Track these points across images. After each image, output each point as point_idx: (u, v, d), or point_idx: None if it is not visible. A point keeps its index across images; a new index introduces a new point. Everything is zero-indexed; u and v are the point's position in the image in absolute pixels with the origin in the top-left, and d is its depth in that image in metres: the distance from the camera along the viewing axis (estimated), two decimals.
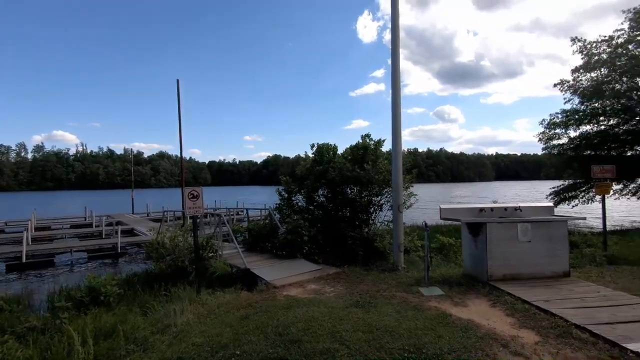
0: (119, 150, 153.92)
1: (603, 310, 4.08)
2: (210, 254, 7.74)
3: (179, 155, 17.46)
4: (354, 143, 8.93)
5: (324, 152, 8.97)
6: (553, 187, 20.28)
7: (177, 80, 16.27)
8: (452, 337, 3.51)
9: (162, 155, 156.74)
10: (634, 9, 17.13)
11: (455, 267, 6.90)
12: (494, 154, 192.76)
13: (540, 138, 19.72)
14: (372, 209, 8.52)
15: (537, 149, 19.47)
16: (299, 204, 9.55)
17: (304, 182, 9.06)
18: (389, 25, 7.07)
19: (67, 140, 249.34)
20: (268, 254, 8.42)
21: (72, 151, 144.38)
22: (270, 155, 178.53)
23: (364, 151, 8.34)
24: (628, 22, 17.33)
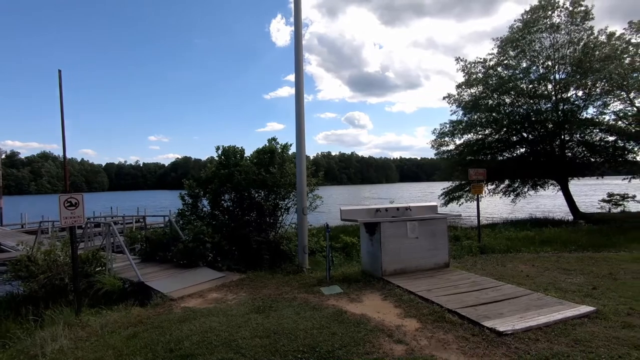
0: None
1: (471, 295, 4.72)
2: (98, 268, 6.88)
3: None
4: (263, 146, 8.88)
5: (230, 155, 8.72)
6: (444, 188, 22.96)
7: (59, 71, 14.11)
8: (344, 333, 3.69)
9: (45, 156, 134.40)
10: (501, 37, 20.42)
11: (356, 265, 7.30)
12: (399, 158, 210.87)
13: (432, 145, 22.22)
14: (279, 212, 8.56)
15: (433, 154, 22.08)
16: (204, 209, 9.11)
17: (209, 186, 8.67)
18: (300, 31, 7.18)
19: None
20: (168, 264, 7.84)
21: None
22: (180, 157, 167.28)
23: (271, 155, 8.33)
24: (497, 48, 20.59)
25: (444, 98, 21.92)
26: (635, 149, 19.10)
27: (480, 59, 20.86)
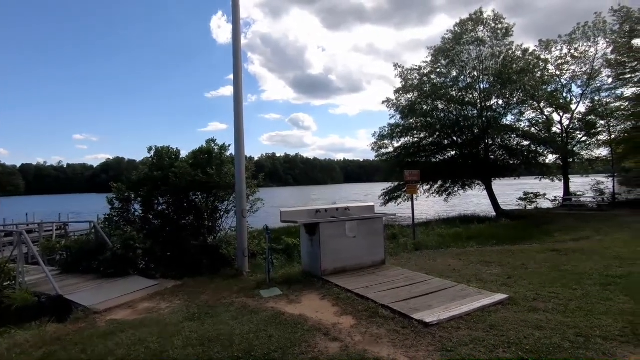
0: None
1: (404, 289, 4.98)
2: (6, 283, 6.11)
3: None
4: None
5: (164, 156, 8.26)
6: (384, 189, 23.99)
7: None
8: (281, 335, 3.69)
9: None
10: (435, 47, 21.90)
11: (297, 266, 7.32)
12: (343, 160, 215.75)
13: (373, 147, 23.16)
14: (218, 215, 8.30)
15: (374, 156, 23.10)
16: (136, 213, 8.51)
17: (141, 189, 8.13)
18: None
19: None
20: (93, 274, 7.19)
21: None
22: (111, 158, 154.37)
23: (209, 156, 8.05)
24: (431, 57, 22.06)
25: (383, 102, 22.99)
26: (545, 153, 21.64)
27: (416, 66, 22.23)
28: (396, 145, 22.54)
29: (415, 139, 22.16)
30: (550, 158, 22.67)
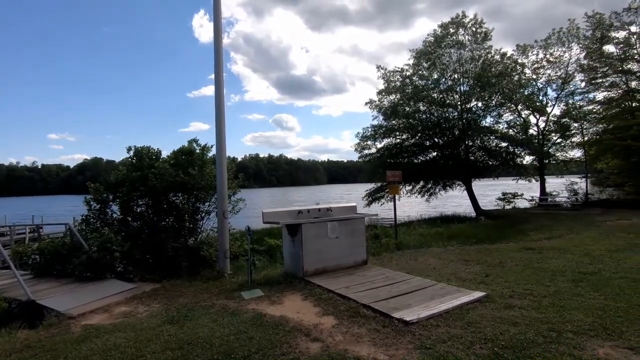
0: None
1: (384, 289, 5.03)
2: None
3: None
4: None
5: (144, 156, 8.08)
6: (367, 190, 24.16)
7: None
8: (262, 337, 3.66)
9: None
10: (416, 49, 22.23)
11: (279, 267, 7.29)
12: (326, 160, 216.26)
13: (356, 148, 23.30)
14: (200, 216, 8.18)
15: (357, 157, 23.26)
16: (114, 215, 8.29)
17: (120, 190, 7.93)
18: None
19: None
20: (69, 278, 6.96)
21: None
22: (89, 159, 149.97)
23: (190, 156, 7.93)
24: (413, 59, 22.37)
25: (366, 104, 23.17)
26: (522, 154, 22.27)
27: (399, 68, 22.51)
28: (379, 146, 22.78)
29: (398, 140, 22.42)
30: (527, 159, 23.38)
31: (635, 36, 20.03)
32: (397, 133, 22.19)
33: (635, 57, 20.18)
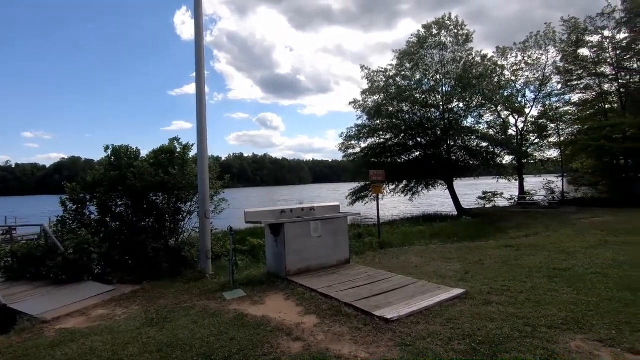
0: None
1: (366, 287, 5.07)
2: None
3: None
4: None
5: (123, 155, 7.89)
6: (351, 189, 24.29)
7: None
8: (243, 337, 3.64)
9: None
10: (400, 50, 22.47)
11: (262, 267, 7.24)
12: (311, 160, 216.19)
13: (340, 147, 23.40)
14: (181, 216, 8.05)
15: (341, 156, 23.34)
16: (92, 216, 8.07)
17: (97, 190, 7.72)
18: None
19: None
20: (43, 281, 6.72)
21: None
22: (66, 158, 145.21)
23: (171, 155, 7.78)
24: (396, 60, 22.61)
25: (350, 103, 23.29)
26: (502, 154, 22.84)
27: (382, 68, 22.71)
28: (363, 145, 22.94)
29: (382, 140, 22.63)
30: (507, 159, 24.00)
31: (607, 40, 20.83)
32: (381, 133, 22.39)
33: (608, 60, 20.97)
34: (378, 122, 21.99)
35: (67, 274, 6.56)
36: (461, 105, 21.89)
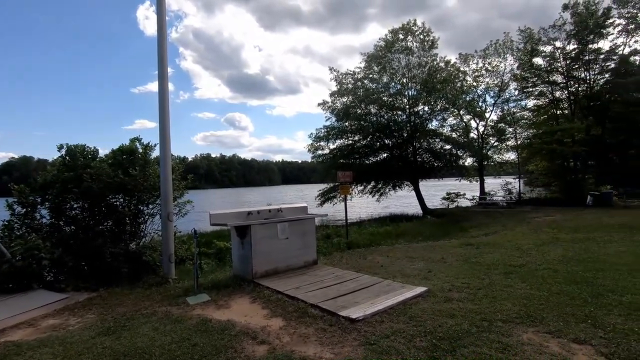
0: None
1: (333, 288, 5.10)
2: None
3: None
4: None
5: (78, 155, 7.44)
6: (320, 190, 24.38)
7: None
8: (206, 343, 3.54)
9: None
10: (368, 53, 22.87)
11: (229, 270, 7.10)
12: (281, 161, 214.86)
13: (309, 149, 23.43)
14: (142, 219, 7.72)
15: (310, 158, 23.34)
16: (43, 220, 7.55)
17: (48, 192, 7.24)
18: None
19: None
20: None
21: None
22: (15, 157, 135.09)
23: (132, 156, 7.44)
24: (364, 63, 22.98)
25: (319, 105, 23.39)
26: (464, 156, 23.83)
27: (351, 71, 23.02)
28: (332, 147, 23.12)
29: (350, 141, 22.91)
30: (469, 161, 25.08)
31: (559, 51, 22.32)
32: (349, 134, 22.67)
33: (559, 69, 22.47)
34: (347, 123, 22.24)
35: (15, 282, 6.10)
36: (426, 108, 22.61)
